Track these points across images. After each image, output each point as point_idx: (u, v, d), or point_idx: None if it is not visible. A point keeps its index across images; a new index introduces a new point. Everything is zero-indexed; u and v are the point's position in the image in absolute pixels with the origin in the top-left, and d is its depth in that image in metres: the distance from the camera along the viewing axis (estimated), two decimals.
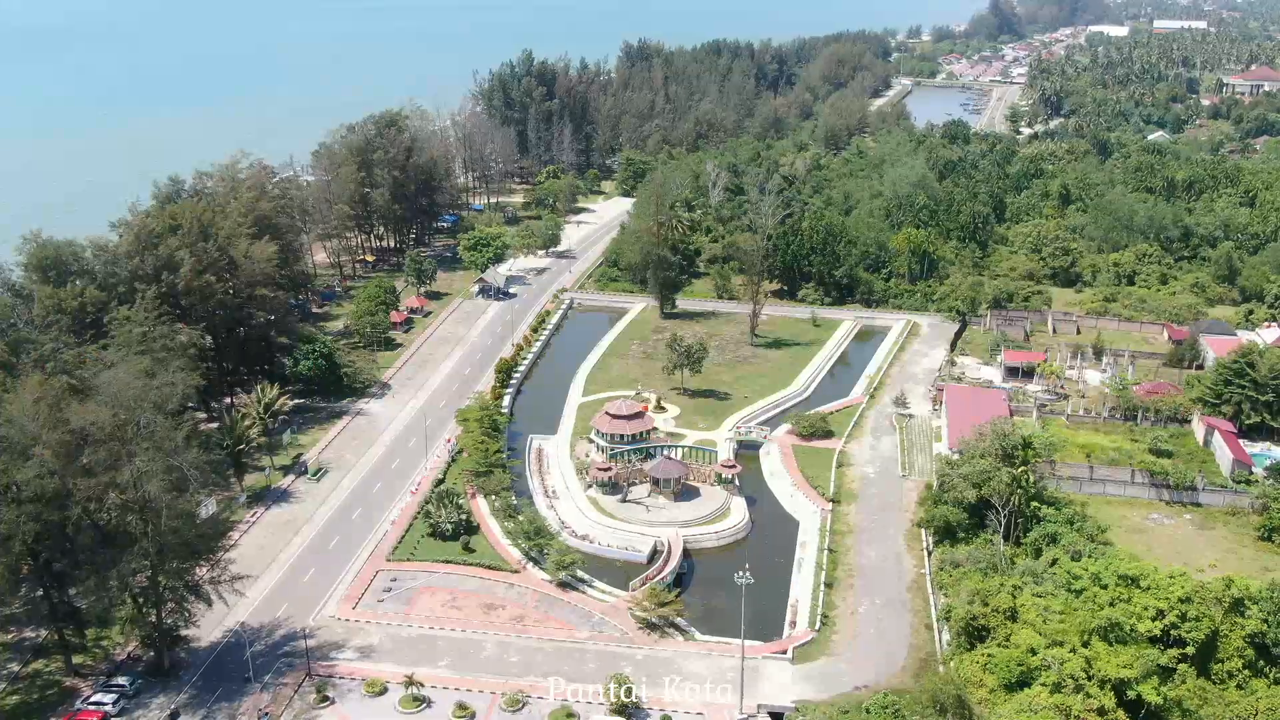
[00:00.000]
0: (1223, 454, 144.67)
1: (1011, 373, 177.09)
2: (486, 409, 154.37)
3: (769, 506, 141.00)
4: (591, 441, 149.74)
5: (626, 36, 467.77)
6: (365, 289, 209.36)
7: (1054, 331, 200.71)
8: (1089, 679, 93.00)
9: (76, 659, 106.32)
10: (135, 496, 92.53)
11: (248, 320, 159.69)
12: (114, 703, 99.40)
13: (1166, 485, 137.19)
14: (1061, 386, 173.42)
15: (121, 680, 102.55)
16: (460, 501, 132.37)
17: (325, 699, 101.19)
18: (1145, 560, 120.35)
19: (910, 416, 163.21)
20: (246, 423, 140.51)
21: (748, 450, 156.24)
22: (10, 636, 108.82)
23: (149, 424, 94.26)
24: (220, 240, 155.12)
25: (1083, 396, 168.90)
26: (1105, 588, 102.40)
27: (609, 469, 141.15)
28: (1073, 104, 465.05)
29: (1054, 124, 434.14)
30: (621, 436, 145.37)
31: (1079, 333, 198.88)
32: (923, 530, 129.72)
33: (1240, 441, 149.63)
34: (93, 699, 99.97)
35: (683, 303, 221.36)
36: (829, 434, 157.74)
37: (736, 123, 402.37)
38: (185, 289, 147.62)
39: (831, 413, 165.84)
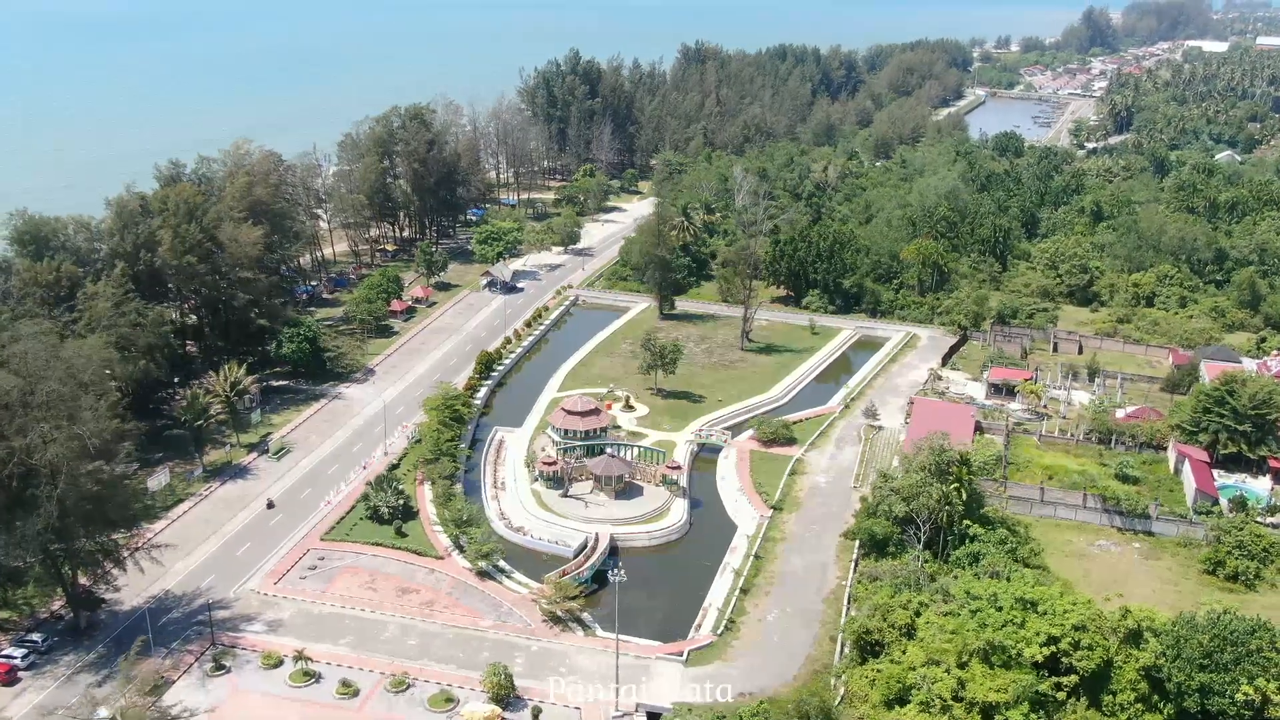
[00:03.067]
0: (1189, 484, 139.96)
1: (996, 390, 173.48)
2: (450, 398, 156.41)
3: (712, 510, 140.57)
4: (549, 436, 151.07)
5: (687, 39, 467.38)
6: (370, 277, 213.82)
7: (1054, 350, 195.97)
8: (958, 701, 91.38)
9: (1, 614, 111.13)
10: (40, 460, 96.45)
11: (229, 301, 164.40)
12: (23, 657, 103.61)
13: (1119, 512, 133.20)
14: (1045, 406, 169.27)
15: (35, 637, 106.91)
16: (400, 487, 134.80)
17: (221, 668, 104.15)
18: (1079, 587, 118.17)
19: (880, 429, 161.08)
20: (207, 400, 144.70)
21: (708, 454, 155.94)
22: None
23: (53, 393, 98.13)
24: (205, 223, 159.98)
25: (1064, 418, 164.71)
26: (1000, 609, 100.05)
27: (554, 463, 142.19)
28: (1142, 120, 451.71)
29: (1116, 140, 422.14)
30: (575, 433, 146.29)
31: (1081, 352, 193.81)
32: (857, 542, 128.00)
33: (1215, 472, 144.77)
34: (4, 652, 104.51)
35: (685, 304, 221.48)
36: (791, 441, 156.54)
37: (788, 128, 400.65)
38: (164, 268, 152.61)
39: (799, 420, 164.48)
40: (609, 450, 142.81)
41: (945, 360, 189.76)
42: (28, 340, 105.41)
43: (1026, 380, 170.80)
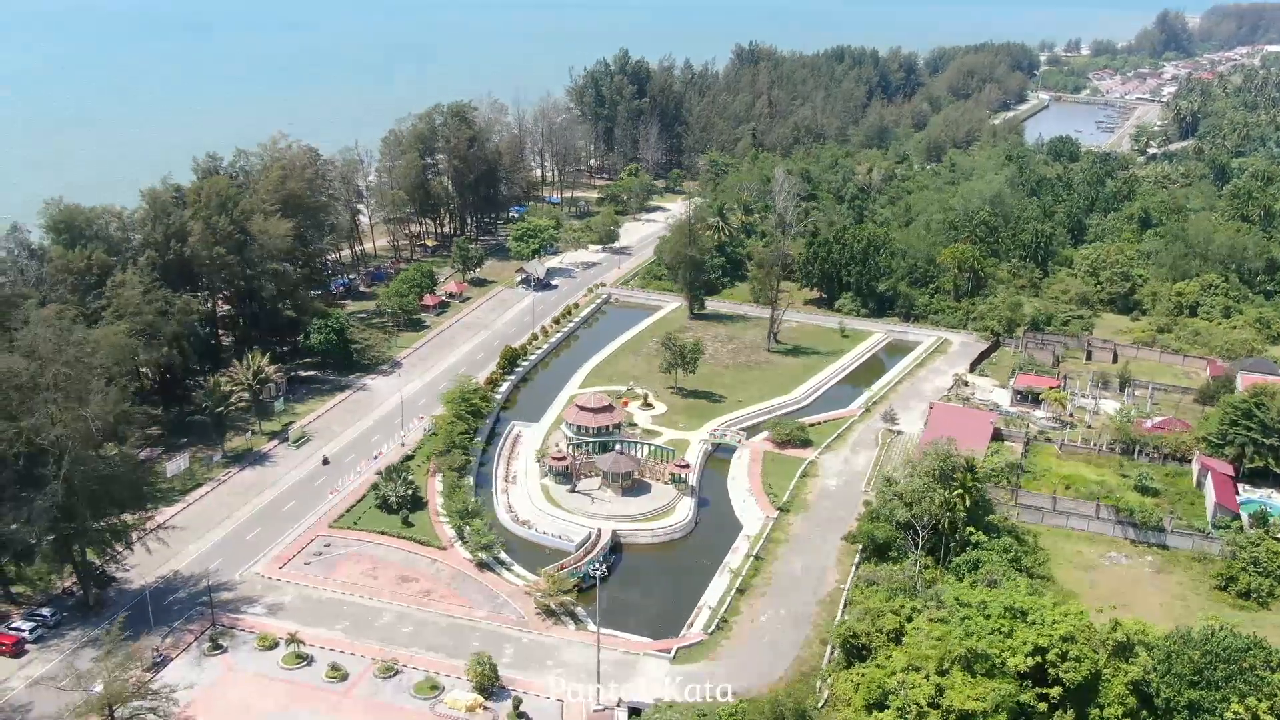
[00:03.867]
0: (1210, 498, 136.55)
1: (1021, 397, 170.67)
2: (467, 392, 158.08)
3: (720, 510, 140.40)
4: (563, 432, 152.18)
5: (745, 39, 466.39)
6: (404, 272, 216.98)
7: (1088, 358, 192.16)
8: (934, 708, 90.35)
9: (17, 589, 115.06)
10: (46, 440, 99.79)
11: (258, 292, 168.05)
12: (32, 630, 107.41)
13: (1133, 524, 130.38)
14: (1070, 415, 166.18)
15: (44, 611, 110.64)
16: (410, 477, 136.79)
17: (218, 647, 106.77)
18: (1083, 599, 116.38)
19: (898, 433, 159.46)
20: (228, 388, 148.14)
21: (723, 454, 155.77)
22: None
23: (61, 376, 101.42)
24: (236, 215, 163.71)
25: (1088, 427, 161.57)
26: (989, 618, 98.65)
27: (564, 459, 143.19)
28: (1208, 125, 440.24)
29: (1178, 146, 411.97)
30: (587, 429, 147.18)
31: (1115, 361, 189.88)
32: (859, 546, 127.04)
33: (1239, 486, 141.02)
34: (14, 624, 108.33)
35: (716, 304, 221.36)
36: (806, 443, 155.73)
37: (840, 130, 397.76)
38: (194, 258, 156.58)
39: (817, 423, 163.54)
40: (617, 447, 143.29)
41: (973, 366, 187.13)
42: (40, 325, 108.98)
43: (1051, 388, 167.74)
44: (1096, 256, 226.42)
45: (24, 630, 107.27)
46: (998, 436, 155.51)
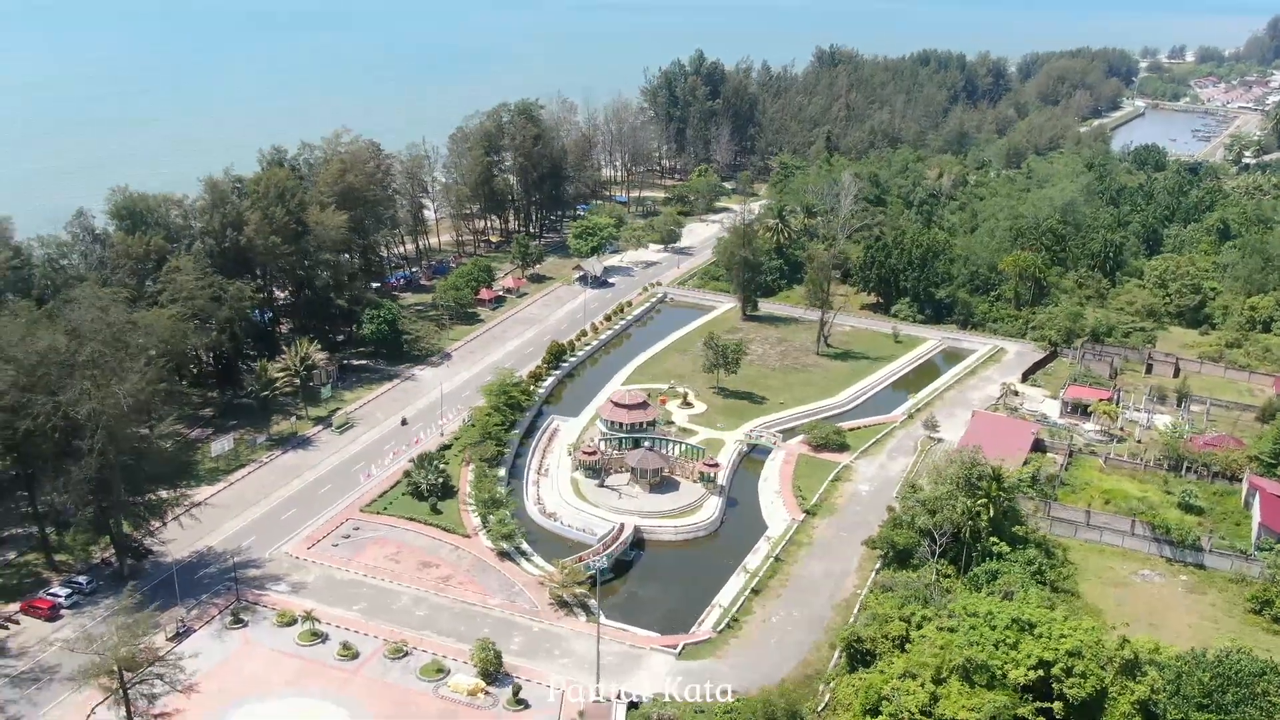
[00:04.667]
0: (1257, 518, 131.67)
1: (1071, 409, 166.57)
2: (507, 385, 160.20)
3: (748, 510, 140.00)
4: (598, 427, 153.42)
5: (823, 42, 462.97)
6: (463, 266, 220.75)
7: (1148, 371, 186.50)
8: (927, 716, 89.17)
9: (60, 557, 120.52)
10: (81, 414, 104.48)
11: (312, 281, 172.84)
12: (67, 596, 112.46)
13: (1169, 541, 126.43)
14: (1121, 428, 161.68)
15: (81, 579, 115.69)
16: (441, 466, 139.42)
17: (239, 621, 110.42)
18: (1108, 616, 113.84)
19: (939, 441, 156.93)
20: (275, 373, 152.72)
21: (759, 455, 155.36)
22: (8, 533, 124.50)
23: (96, 353, 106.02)
24: (292, 206, 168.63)
25: (1138, 441, 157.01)
26: (994, 629, 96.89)
27: (594, 453, 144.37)
28: None
29: (1275, 156, 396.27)
30: (620, 425, 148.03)
31: (1177, 375, 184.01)
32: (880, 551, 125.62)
33: None
34: (51, 590, 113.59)
35: (771, 306, 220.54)
36: (843, 447, 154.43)
37: (918, 135, 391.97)
38: (249, 246, 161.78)
39: (857, 428, 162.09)
40: (646, 444, 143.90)
41: (1026, 376, 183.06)
42: (81, 304, 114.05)
43: (1101, 400, 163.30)
44: (1165, 268, 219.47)
45: (60, 596, 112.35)
46: (1040, 448, 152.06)
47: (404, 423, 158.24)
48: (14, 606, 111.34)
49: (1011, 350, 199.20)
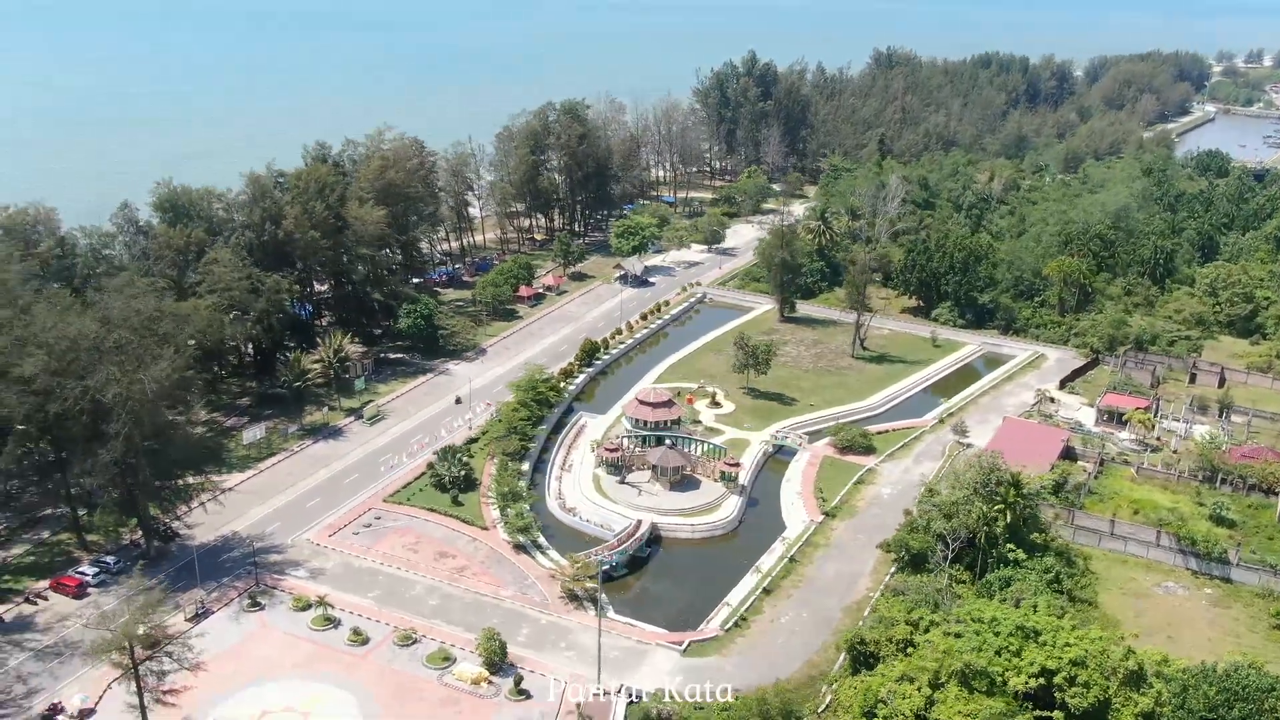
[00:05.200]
0: None
1: (1106, 417, 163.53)
2: (536, 381, 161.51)
3: (768, 510, 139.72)
4: (624, 424, 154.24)
5: (881, 44, 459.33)
6: (503, 264, 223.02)
7: (1191, 381, 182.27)
8: None
9: (91, 538, 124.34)
10: (107, 398, 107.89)
11: (348, 275, 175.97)
12: (94, 575, 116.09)
13: (1194, 554, 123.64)
14: (1158, 438, 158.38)
15: (109, 559, 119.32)
16: (463, 458, 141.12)
17: (256, 605, 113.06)
18: (1124, 628, 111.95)
19: (968, 446, 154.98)
20: (307, 365, 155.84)
21: (785, 456, 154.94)
22: (44, 513, 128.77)
23: (122, 339, 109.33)
24: (331, 201, 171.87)
25: (1174, 451, 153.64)
26: (998, 635, 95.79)
27: (617, 450, 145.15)
28: None
29: None
30: (645, 423, 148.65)
31: (1221, 385, 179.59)
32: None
33: None
34: (80, 569, 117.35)
35: (810, 308, 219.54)
36: (869, 450, 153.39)
37: (975, 138, 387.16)
38: (287, 240, 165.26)
39: (885, 431, 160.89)
40: (667, 442, 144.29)
41: (1064, 383, 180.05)
42: (110, 293, 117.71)
43: (1137, 409, 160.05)
44: (1217, 275, 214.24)
45: (87, 575, 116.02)
46: (1070, 455, 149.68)
47: (458, 401, 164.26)
48: (43, 583, 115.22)
49: (1052, 357, 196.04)
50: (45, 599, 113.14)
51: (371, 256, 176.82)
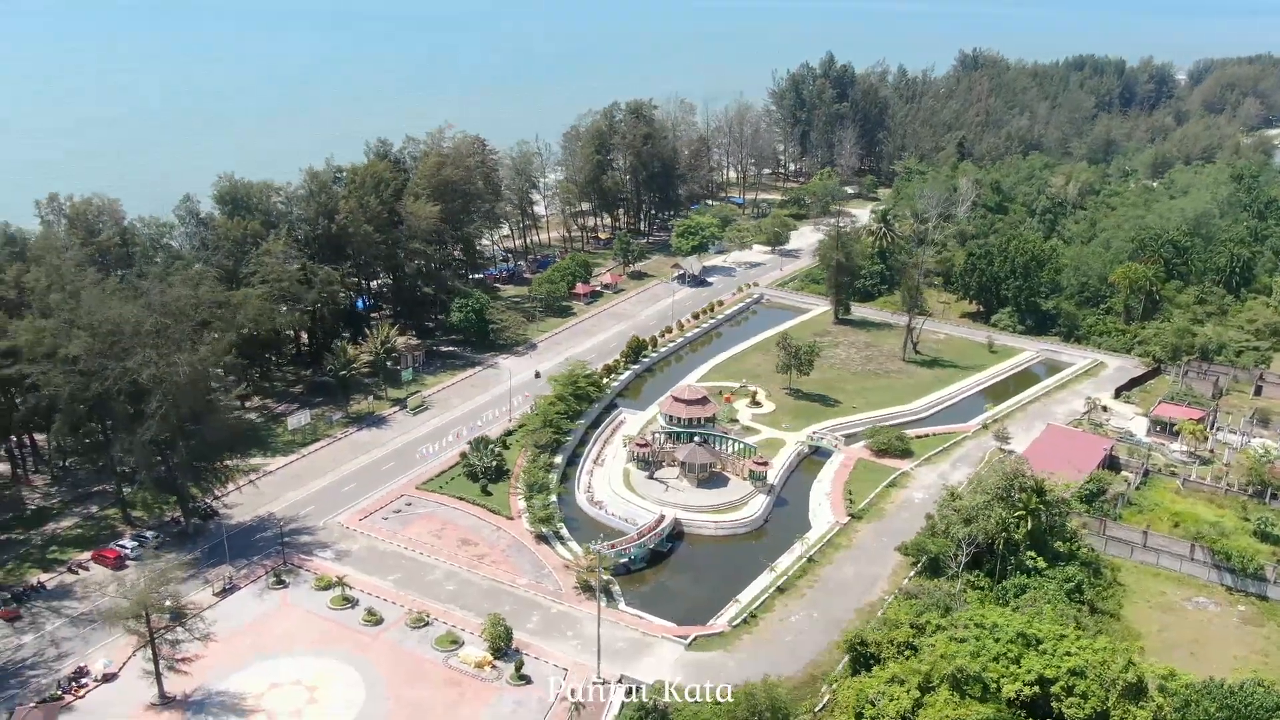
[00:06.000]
0: None
1: (1159, 427, 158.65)
2: (577, 376, 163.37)
3: (795, 510, 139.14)
4: (659, 421, 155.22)
5: (965, 46, 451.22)
6: (561, 261, 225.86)
7: (1256, 393, 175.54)
8: None
9: (136, 514, 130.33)
10: (144, 378, 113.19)
11: (399, 269, 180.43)
12: (133, 549, 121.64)
13: (1229, 569, 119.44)
14: (1210, 450, 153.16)
15: (148, 534, 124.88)
16: (496, 449, 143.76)
17: (281, 582, 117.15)
18: (1145, 641, 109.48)
19: (1009, 453, 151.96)
20: (353, 355, 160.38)
21: (820, 457, 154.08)
22: (96, 489, 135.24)
23: (159, 324, 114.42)
24: (386, 196, 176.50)
25: (1225, 465, 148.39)
26: (998, 641, 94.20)
27: (647, 445, 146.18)
28: None
29: None
30: (679, 420, 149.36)
31: None
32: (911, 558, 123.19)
33: None
34: (121, 542, 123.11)
35: (865, 311, 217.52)
36: (906, 454, 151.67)
37: (1061, 142, 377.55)
38: (341, 233, 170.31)
39: (926, 435, 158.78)
40: (696, 438, 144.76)
41: (1119, 392, 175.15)
42: (151, 280, 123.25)
43: (1190, 420, 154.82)
44: None
45: (127, 548, 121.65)
46: (1114, 465, 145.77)
47: (537, 375, 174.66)
48: (86, 555, 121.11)
49: (1112, 365, 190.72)
50: (86, 569, 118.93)
51: (423, 251, 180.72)
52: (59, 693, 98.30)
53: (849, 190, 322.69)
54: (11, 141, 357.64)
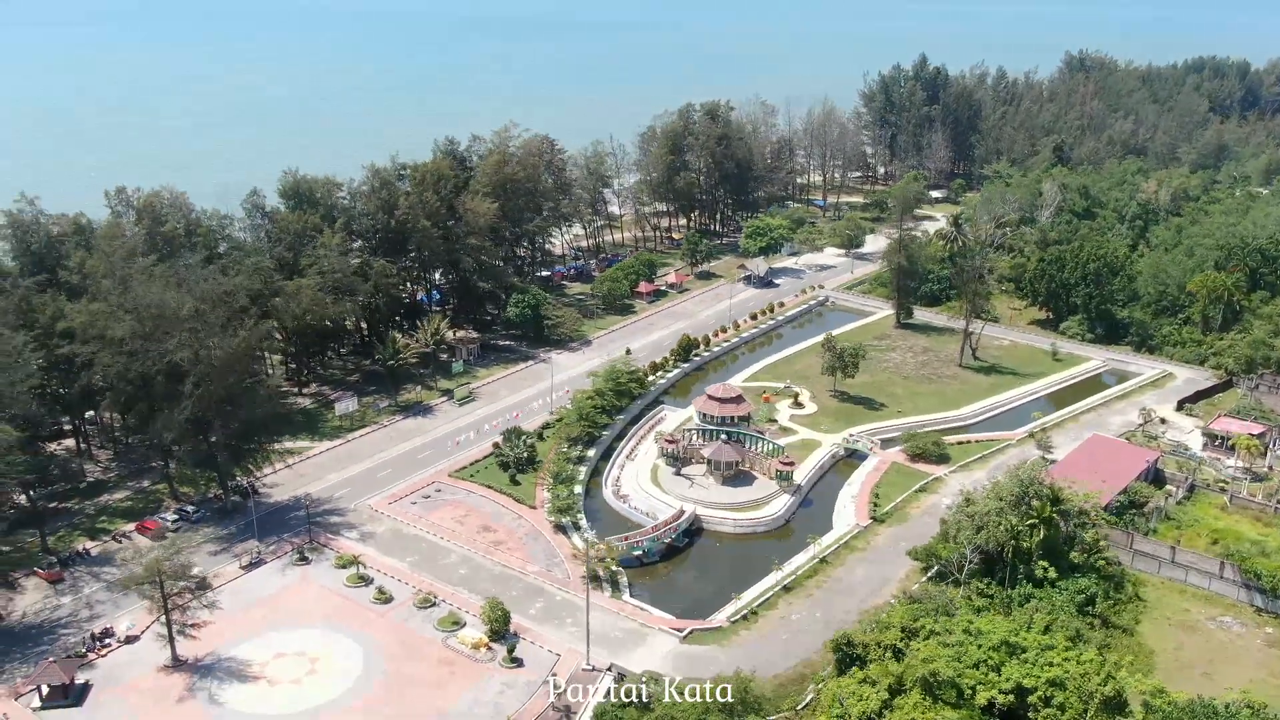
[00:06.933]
0: None
1: (1216, 441, 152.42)
2: (619, 372, 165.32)
3: (820, 511, 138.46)
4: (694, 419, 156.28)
5: (1072, 48, 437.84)
6: (626, 260, 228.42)
7: None
8: None
9: (183, 489, 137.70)
10: (179, 359, 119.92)
11: (456, 264, 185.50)
12: (174, 521, 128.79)
13: (1259, 589, 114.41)
14: (1270, 467, 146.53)
15: (189, 508, 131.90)
16: (527, 440, 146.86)
17: (304, 559, 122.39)
18: (1157, 659, 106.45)
19: (1052, 462, 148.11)
20: (402, 345, 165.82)
21: (856, 460, 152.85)
22: (150, 465, 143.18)
23: (194, 309, 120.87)
24: (445, 193, 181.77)
25: None
26: (980, 648, 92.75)
27: (675, 442, 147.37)
28: None
29: None
30: (712, 418, 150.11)
31: None
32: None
33: None
34: (163, 515, 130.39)
35: (930, 315, 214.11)
36: (942, 459, 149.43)
37: (1167, 145, 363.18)
38: (400, 228, 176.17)
39: (966, 441, 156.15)
40: (722, 436, 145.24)
41: (1182, 404, 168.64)
42: (194, 268, 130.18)
43: (1246, 435, 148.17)
44: None
45: (167, 520, 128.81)
46: (1159, 478, 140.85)
47: (628, 352, 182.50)
48: (130, 526, 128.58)
49: (1181, 376, 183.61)
50: (129, 538, 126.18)
51: (480, 247, 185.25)
52: (84, 650, 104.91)
53: (935, 195, 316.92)
54: (100, 140, 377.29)
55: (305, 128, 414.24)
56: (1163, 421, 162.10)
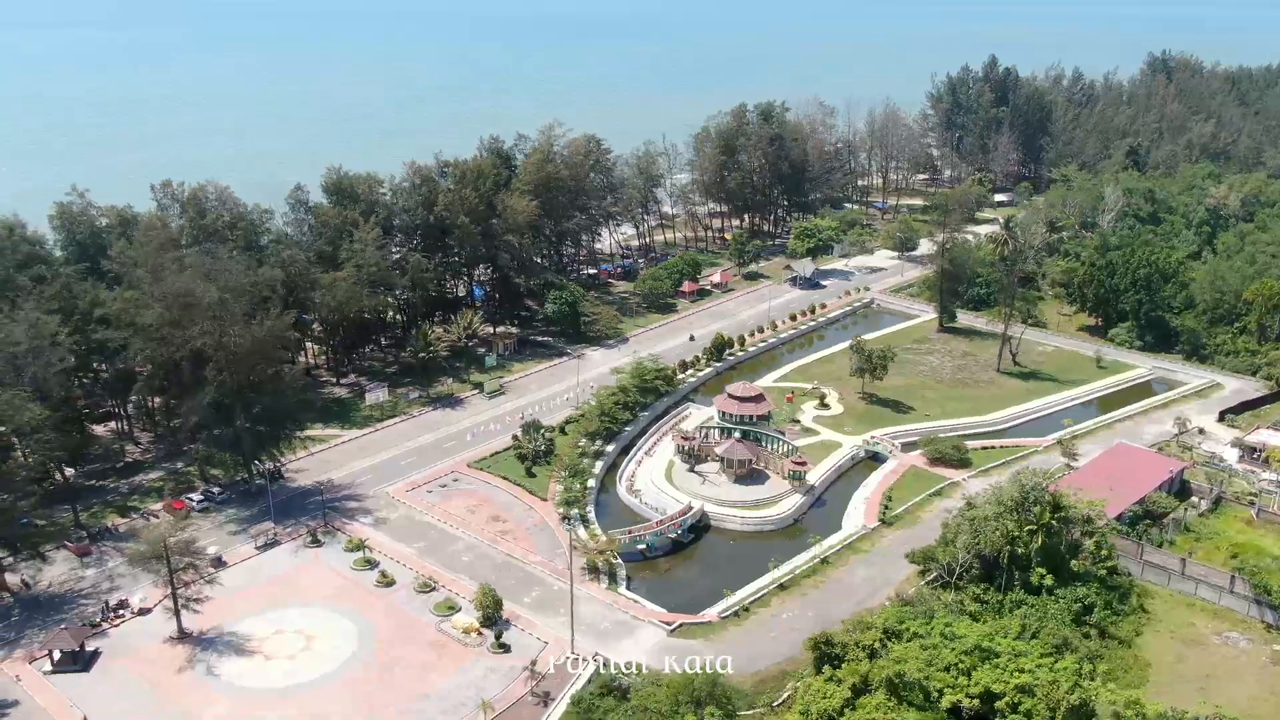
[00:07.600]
0: None
1: (1253, 453, 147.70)
2: (645, 369, 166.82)
3: (831, 512, 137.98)
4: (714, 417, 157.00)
5: (1154, 48, 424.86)
6: (670, 259, 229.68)
7: None
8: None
9: (214, 472, 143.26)
10: (201, 345, 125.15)
11: (493, 260, 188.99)
12: (199, 502, 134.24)
13: (1270, 605, 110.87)
14: None
15: (215, 489, 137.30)
16: (546, 433, 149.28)
17: (316, 542, 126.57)
18: (1152, 672, 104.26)
19: (1073, 470, 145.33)
20: (434, 338, 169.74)
21: (878, 462, 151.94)
22: (183, 448, 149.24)
23: (219, 300, 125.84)
24: (484, 190, 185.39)
25: None
26: (954, 651, 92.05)
27: (691, 438, 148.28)
28: None
29: None
30: (731, 416, 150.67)
31: None
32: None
33: None
34: (190, 495, 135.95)
35: (972, 319, 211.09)
36: (963, 464, 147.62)
37: (1253, 150, 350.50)
38: (438, 224, 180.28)
39: (988, 447, 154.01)
40: (735, 434, 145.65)
41: (1224, 414, 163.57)
42: (221, 259, 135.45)
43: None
44: None
45: (193, 500, 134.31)
46: (1185, 489, 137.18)
47: (691, 339, 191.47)
48: (159, 504, 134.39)
49: (1230, 387, 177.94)
50: (156, 516, 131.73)
51: (518, 243, 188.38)
52: (99, 620, 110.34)
53: (1000, 198, 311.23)
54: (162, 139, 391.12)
55: (364, 129, 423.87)
56: (1201, 432, 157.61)
